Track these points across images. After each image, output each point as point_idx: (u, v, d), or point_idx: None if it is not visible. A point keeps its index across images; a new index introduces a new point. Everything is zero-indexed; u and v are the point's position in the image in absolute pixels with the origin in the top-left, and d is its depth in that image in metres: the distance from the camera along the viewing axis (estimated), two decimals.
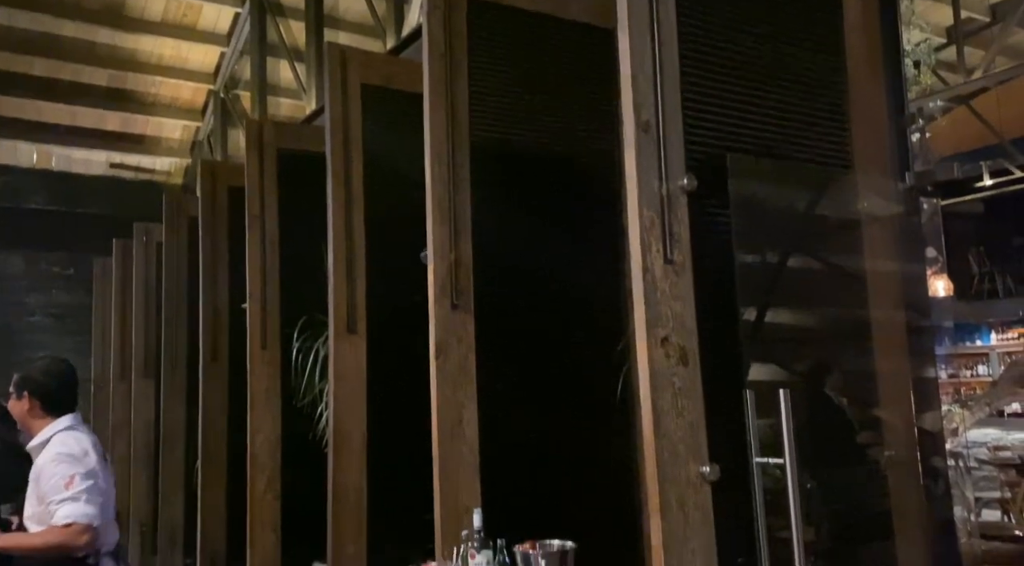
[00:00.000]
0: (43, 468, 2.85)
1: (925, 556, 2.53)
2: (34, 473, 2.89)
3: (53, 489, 2.79)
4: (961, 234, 11.88)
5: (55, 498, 2.77)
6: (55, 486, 2.79)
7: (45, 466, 2.85)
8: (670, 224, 2.07)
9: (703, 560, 1.96)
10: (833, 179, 2.44)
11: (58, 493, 2.77)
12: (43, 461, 2.88)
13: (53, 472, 2.81)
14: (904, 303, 2.70)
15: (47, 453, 2.89)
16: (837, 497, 2.53)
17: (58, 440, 2.92)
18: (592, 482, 2.99)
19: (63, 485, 2.78)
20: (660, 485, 1.99)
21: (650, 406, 2.04)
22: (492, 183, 3.05)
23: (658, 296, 2.07)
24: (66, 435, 2.95)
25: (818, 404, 2.60)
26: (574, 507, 2.87)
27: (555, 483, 2.93)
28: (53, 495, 2.78)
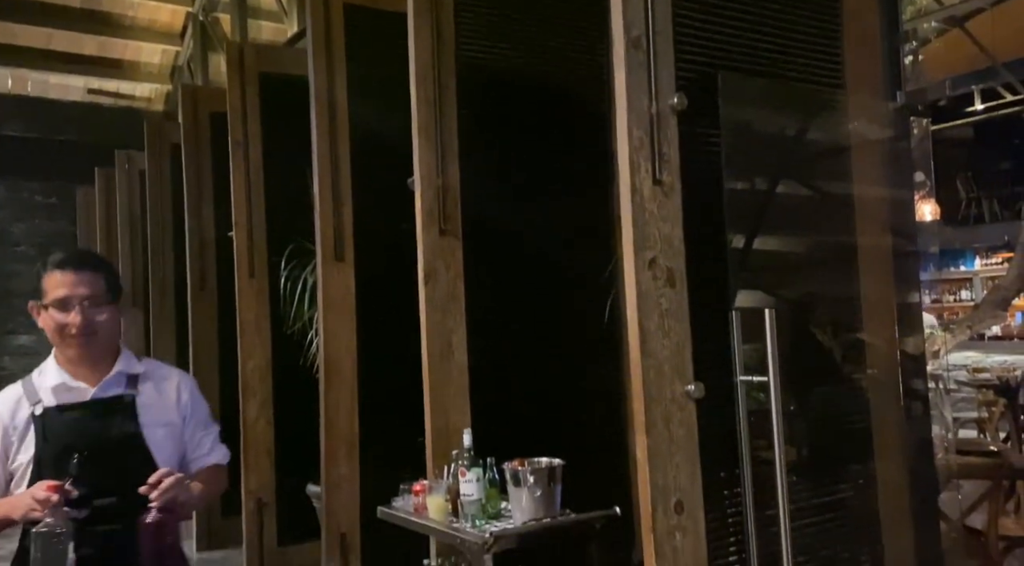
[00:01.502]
0: (194, 394, 2.18)
1: (903, 472, 2.61)
2: (178, 404, 2.13)
3: (207, 421, 2.21)
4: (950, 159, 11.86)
5: (213, 432, 2.21)
6: (207, 418, 2.21)
7: (195, 391, 2.19)
8: (659, 144, 2.05)
9: (687, 474, 2.01)
10: (824, 99, 2.41)
11: (212, 427, 2.21)
12: (190, 386, 2.19)
13: (203, 402, 2.22)
14: (891, 227, 2.71)
15: (182, 379, 2.20)
16: (819, 416, 2.60)
17: (170, 368, 2.26)
18: (580, 402, 3.05)
19: (210, 419, 2.23)
20: (646, 403, 2.02)
21: (637, 327, 2.05)
22: (480, 106, 3.00)
23: (646, 217, 2.06)
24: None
25: (802, 325, 2.64)
26: (563, 426, 2.93)
27: (544, 403, 2.99)
28: (212, 428, 2.21)
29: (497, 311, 3.02)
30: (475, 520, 2.25)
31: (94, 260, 2.05)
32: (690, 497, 2.01)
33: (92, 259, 2.06)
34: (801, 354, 2.57)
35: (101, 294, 1.96)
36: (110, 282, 2.01)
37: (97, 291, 1.96)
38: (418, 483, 2.54)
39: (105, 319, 1.97)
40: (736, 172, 2.32)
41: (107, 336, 2.00)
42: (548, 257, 3.09)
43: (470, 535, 2.18)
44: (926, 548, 2.57)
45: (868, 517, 2.48)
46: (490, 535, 2.15)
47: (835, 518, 2.44)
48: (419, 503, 2.47)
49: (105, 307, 1.97)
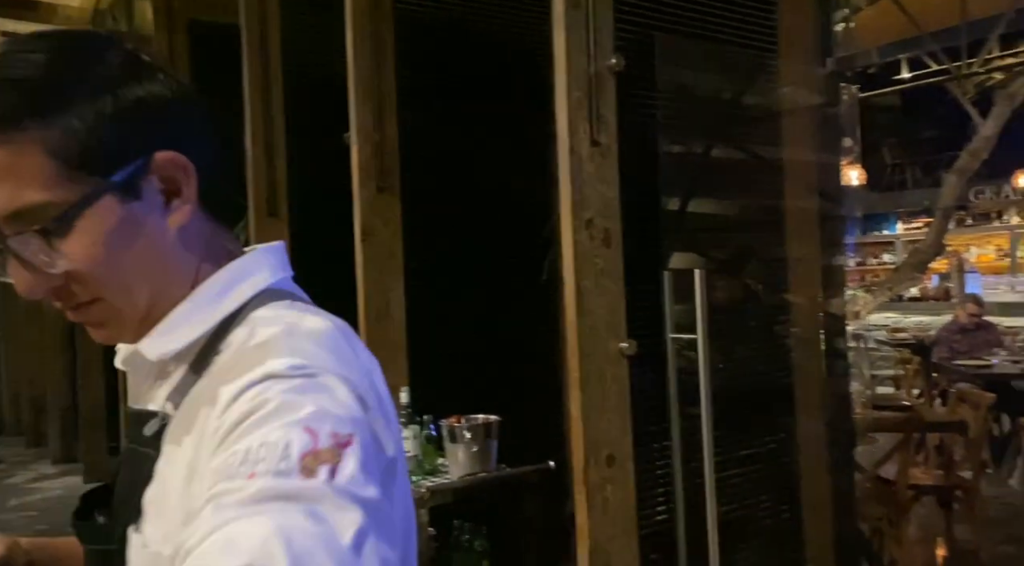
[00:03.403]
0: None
1: (822, 426, 2.74)
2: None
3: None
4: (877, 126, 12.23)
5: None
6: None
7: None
8: (598, 106, 2.06)
9: (618, 428, 2.08)
10: (758, 63, 2.46)
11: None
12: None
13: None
14: (818, 191, 2.80)
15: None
16: (745, 373, 2.70)
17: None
18: (519, 359, 3.09)
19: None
20: (581, 360, 2.07)
21: (574, 286, 2.09)
22: (419, 62, 2.95)
23: (584, 178, 2.08)
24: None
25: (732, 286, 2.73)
26: (501, 384, 2.97)
27: (482, 361, 3.02)
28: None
29: (436, 269, 3.02)
30: (411, 476, 2.28)
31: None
32: (621, 450, 2.08)
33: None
34: (730, 313, 2.66)
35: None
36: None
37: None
38: None
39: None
40: (671, 135, 2.36)
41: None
42: (487, 216, 3.10)
43: None
44: (841, 497, 2.72)
45: (788, 468, 2.61)
46: (426, 490, 2.18)
47: (758, 469, 2.56)
48: None
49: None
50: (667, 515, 2.28)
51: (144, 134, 0.63)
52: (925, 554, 4.34)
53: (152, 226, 0.64)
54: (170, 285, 0.66)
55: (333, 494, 0.50)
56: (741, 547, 2.43)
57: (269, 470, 0.51)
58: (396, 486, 0.60)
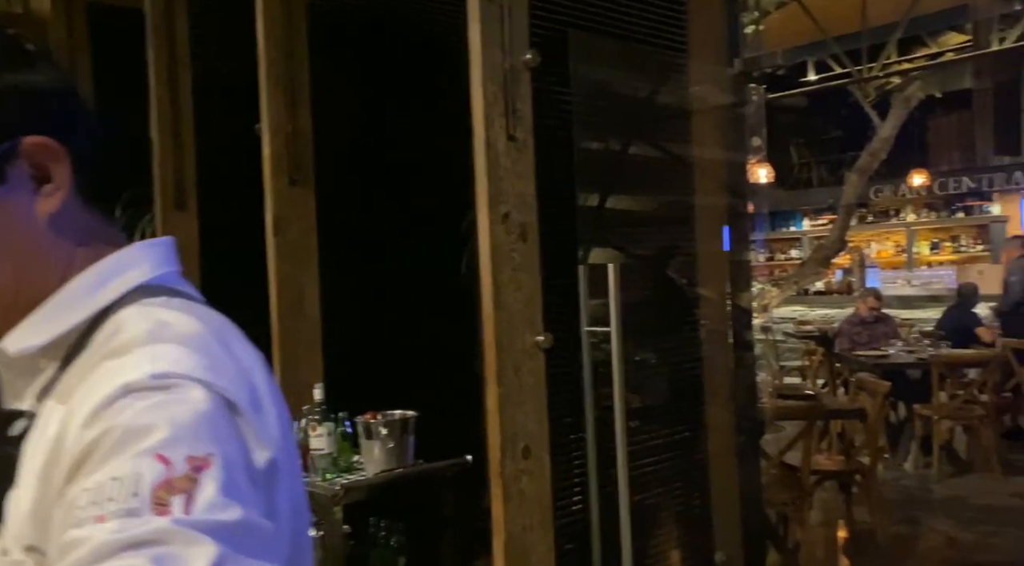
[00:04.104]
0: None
1: (730, 414, 2.83)
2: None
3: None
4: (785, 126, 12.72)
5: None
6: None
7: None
8: (513, 100, 2.07)
9: (534, 421, 2.10)
10: (668, 62, 2.51)
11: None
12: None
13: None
14: (727, 188, 2.89)
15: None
16: (657, 365, 2.77)
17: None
18: (437, 354, 3.07)
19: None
20: (498, 353, 2.08)
21: (490, 280, 2.10)
22: (334, 51, 2.89)
23: (500, 172, 2.09)
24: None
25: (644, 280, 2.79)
26: (419, 378, 2.95)
27: (400, 356, 2.99)
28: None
29: (352, 264, 2.97)
30: (326, 474, 2.24)
31: None
32: (537, 442, 2.10)
33: None
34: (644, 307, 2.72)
35: None
36: None
37: None
38: None
39: None
40: (585, 131, 2.39)
41: None
42: (405, 209, 3.07)
43: (319, 488, 2.17)
44: (748, 484, 2.82)
45: (698, 457, 2.69)
46: (340, 488, 2.15)
47: (669, 458, 2.62)
48: None
49: None
50: (582, 505, 2.32)
51: (14, 120, 0.62)
52: (827, 536, 4.56)
53: (18, 211, 0.62)
54: (38, 274, 0.64)
55: (185, 530, 0.49)
56: (653, 534, 2.49)
57: (119, 511, 0.49)
58: (279, 488, 0.59)
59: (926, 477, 5.54)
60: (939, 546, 4.39)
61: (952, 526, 4.63)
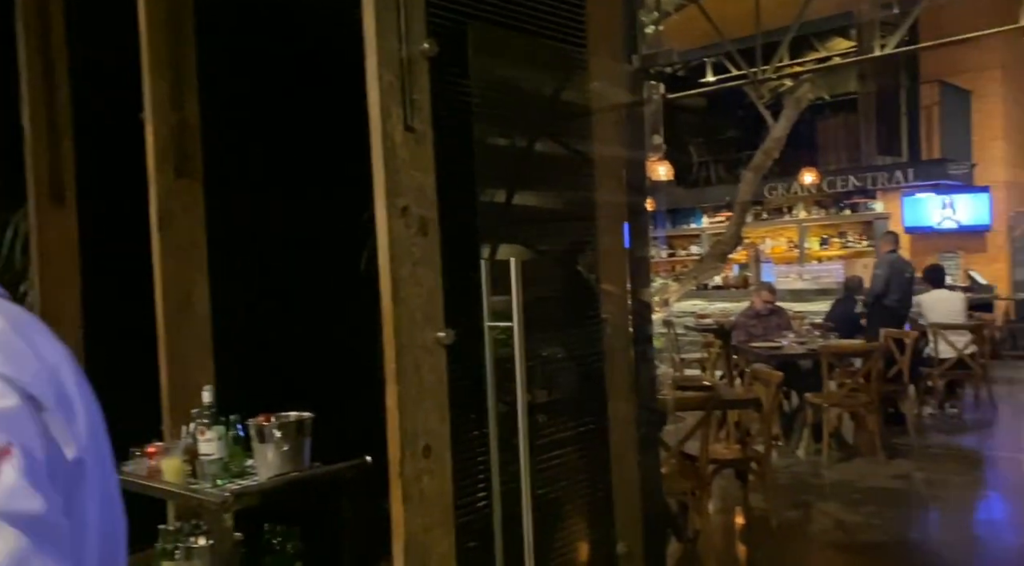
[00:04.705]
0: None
1: (631, 407, 2.87)
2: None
3: None
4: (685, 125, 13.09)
5: None
6: None
7: None
8: (411, 90, 2.02)
9: (436, 419, 2.05)
10: (568, 57, 2.51)
11: None
12: None
13: None
14: (628, 185, 2.92)
15: None
16: (560, 359, 2.77)
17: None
18: (336, 352, 2.98)
19: None
20: (397, 350, 2.03)
21: (389, 275, 2.04)
22: (224, 35, 2.76)
23: (398, 164, 2.04)
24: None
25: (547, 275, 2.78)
26: (318, 378, 2.86)
27: (297, 355, 2.89)
28: None
29: (245, 259, 2.85)
30: (216, 480, 2.13)
31: None
32: (438, 440, 2.06)
33: None
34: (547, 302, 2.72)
35: None
36: None
37: None
38: (151, 445, 2.35)
39: None
40: (486, 124, 2.36)
41: None
42: (303, 202, 2.95)
43: (208, 495, 2.06)
44: (649, 475, 2.87)
45: (601, 449, 2.71)
46: (230, 494, 2.05)
47: (573, 452, 2.63)
48: (153, 466, 2.29)
49: None
50: (485, 502, 2.29)
51: None
52: (724, 523, 4.70)
53: None
54: None
55: None
56: (556, 529, 2.49)
57: None
58: (85, 489, 0.57)
59: (816, 463, 5.81)
60: (828, 528, 4.60)
61: (840, 509, 4.87)
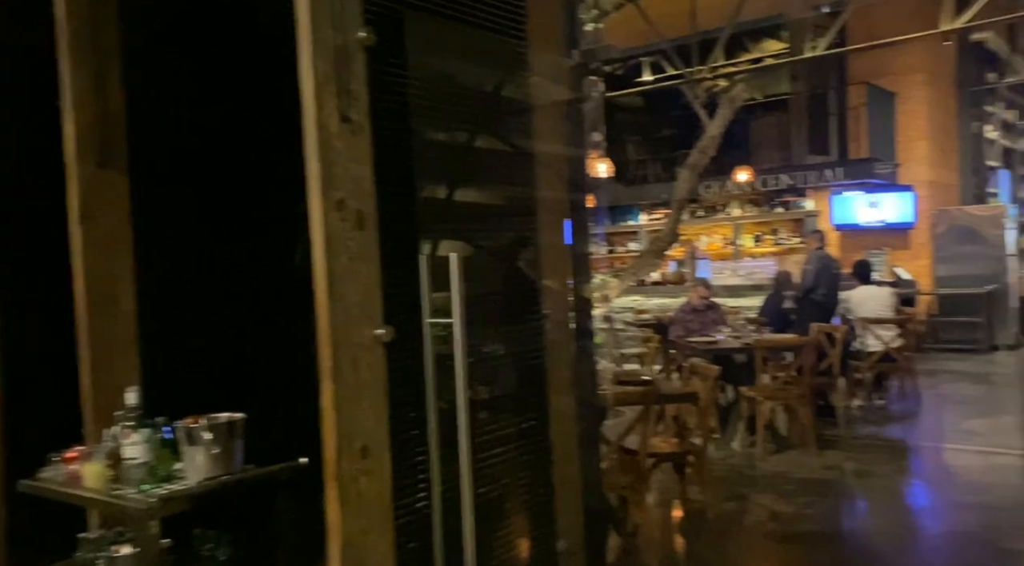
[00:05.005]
0: None
1: (572, 402, 2.86)
2: None
3: None
4: (624, 124, 13.23)
5: None
6: None
7: None
8: (347, 80, 1.96)
9: (373, 418, 2.00)
10: (509, 49, 2.48)
11: None
12: None
13: None
14: (569, 182, 2.91)
15: None
16: (502, 356, 2.75)
17: None
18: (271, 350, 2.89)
19: None
20: (333, 348, 1.97)
21: (324, 270, 1.98)
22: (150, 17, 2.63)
23: (333, 156, 1.98)
24: None
25: (489, 271, 2.75)
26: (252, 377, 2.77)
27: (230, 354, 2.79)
28: None
29: (174, 255, 2.73)
30: (141, 485, 2.04)
31: None
32: (376, 440, 2.01)
33: None
34: (488, 298, 2.69)
35: None
36: None
37: None
38: (71, 450, 2.23)
39: None
40: (425, 117, 2.31)
41: None
42: (234, 195, 2.85)
43: (132, 502, 1.97)
44: (590, 470, 2.87)
45: (542, 446, 2.70)
46: (157, 499, 1.96)
47: (514, 449, 2.61)
48: (72, 472, 2.18)
49: None
50: (425, 502, 2.25)
51: None
52: (663, 516, 4.76)
53: None
54: None
55: None
56: (497, 527, 2.47)
57: None
58: None
59: (751, 455, 5.93)
60: (763, 519, 4.70)
61: (774, 500, 4.98)
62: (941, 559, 4.18)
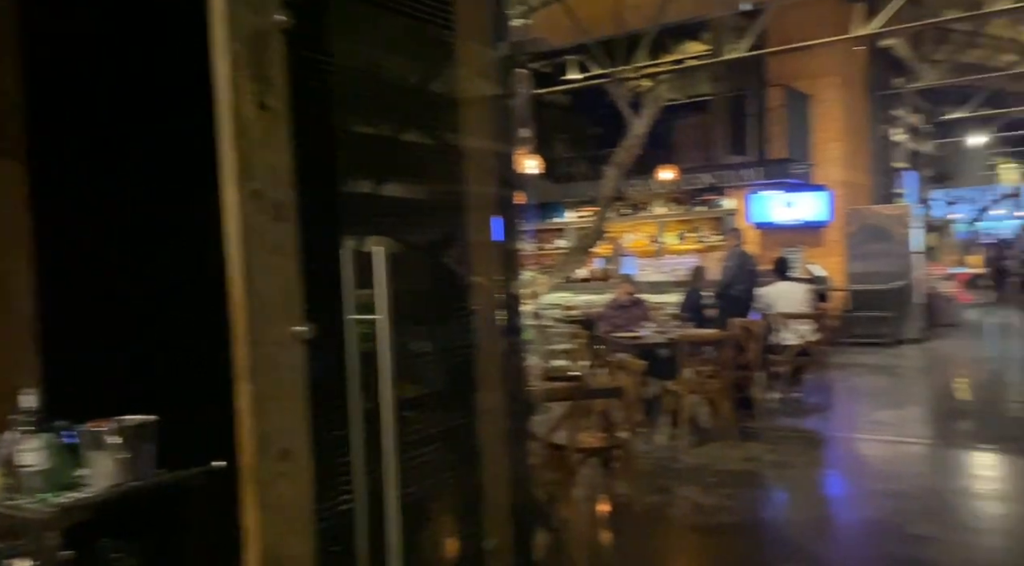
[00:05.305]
0: None
1: (501, 399, 2.83)
2: None
3: None
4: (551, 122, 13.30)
5: None
6: None
7: None
8: (264, 65, 1.87)
9: (294, 418, 1.92)
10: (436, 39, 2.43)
11: None
12: None
13: None
14: (497, 177, 2.87)
15: None
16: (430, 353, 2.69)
17: None
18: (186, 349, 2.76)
19: None
20: (250, 347, 1.88)
21: (240, 264, 1.89)
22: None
23: (250, 144, 1.89)
24: None
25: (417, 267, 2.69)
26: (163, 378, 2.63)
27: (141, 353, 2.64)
28: None
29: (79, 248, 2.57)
30: (39, 494, 1.90)
31: None
32: (296, 442, 1.93)
33: None
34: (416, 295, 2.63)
35: None
36: None
37: None
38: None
39: None
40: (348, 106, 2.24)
41: None
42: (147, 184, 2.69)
43: (28, 512, 1.83)
44: (518, 467, 2.84)
45: (470, 444, 2.66)
46: (58, 508, 1.83)
47: (441, 447, 2.56)
48: None
49: None
50: (349, 505, 2.18)
51: None
52: (590, 511, 4.78)
53: None
54: None
55: None
56: (423, 528, 2.41)
57: None
58: None
59: (675, 448, 6.04)
60: (687, 512, 4.78)
61: (697, 492, 5.07)
62: (855, 546, 4.33)
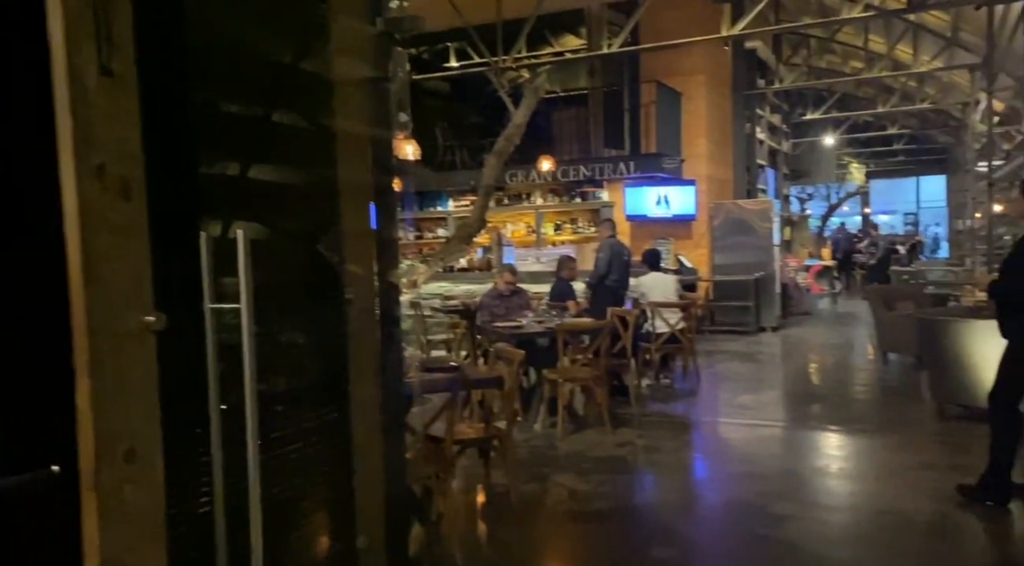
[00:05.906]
0: None
1: (376, 391, 2.72)
2: None
3: None
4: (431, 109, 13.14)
5: None
6: None
7: None
8: (107, 24, 1.68)
9: (142, 418, 1.75)
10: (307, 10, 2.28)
11: None
12: None
13: None
14: (373, 161, 2.75)
15: None
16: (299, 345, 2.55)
17: None
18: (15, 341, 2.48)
19: None
20: (91, 339, 1.69)
21: (79, 247, 1.69)
22: None
23: (92, 114, 1.69)
24: None
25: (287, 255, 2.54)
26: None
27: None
28: None
29: None
30: None
31: None
32: (145, 443, 1.76)
33: None
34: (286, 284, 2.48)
35: None
36: None
37: None
38: None
39: None
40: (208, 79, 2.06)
41: None
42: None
43: None
44: (393, 461, 2.75)
45: (342, 438, 2.54)
46: None
47: (311, 444, 2.43)
48: None
49: None
50: (208, 508, 2.02)
51: None
52: (467, 503, 4.75)
53: None
54: None
55: None
56: (290, 528, 2.28)
57: None
58: None
59: (552, 435, 6.10)
60: (563, 499, 4.83)
61: (573, 479, 5.13)
62: (721, 526, 4.51)
